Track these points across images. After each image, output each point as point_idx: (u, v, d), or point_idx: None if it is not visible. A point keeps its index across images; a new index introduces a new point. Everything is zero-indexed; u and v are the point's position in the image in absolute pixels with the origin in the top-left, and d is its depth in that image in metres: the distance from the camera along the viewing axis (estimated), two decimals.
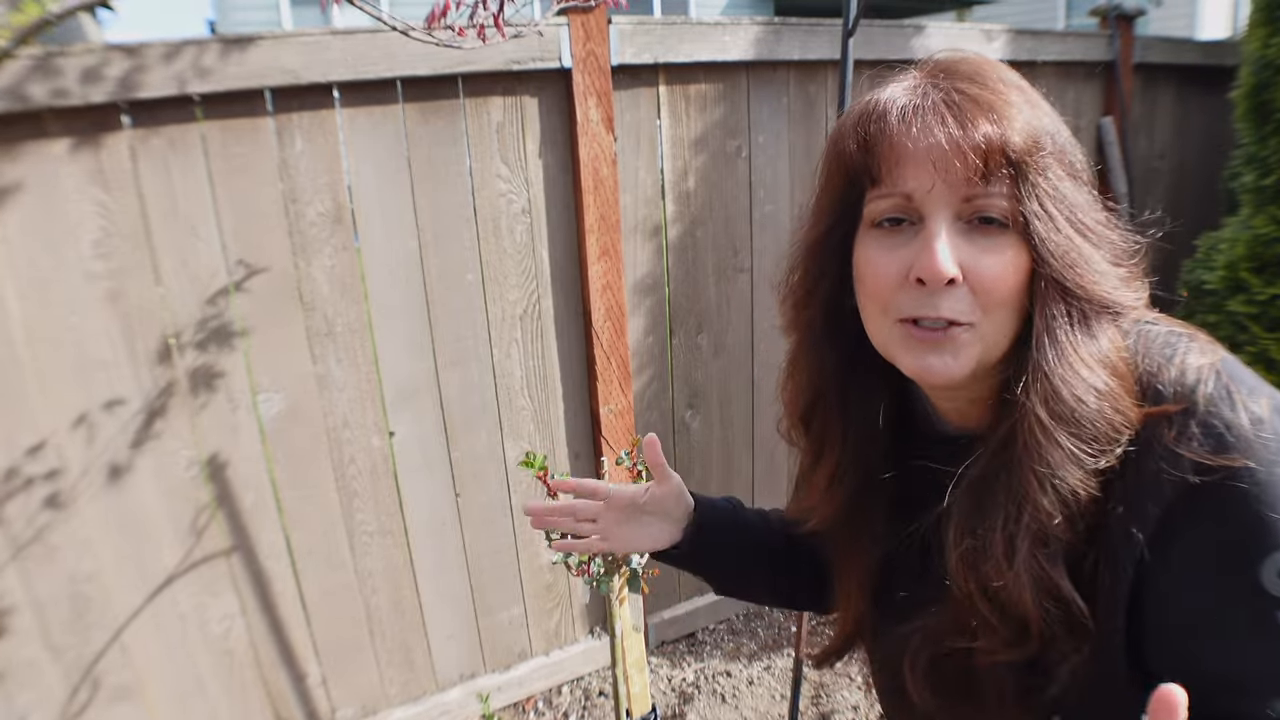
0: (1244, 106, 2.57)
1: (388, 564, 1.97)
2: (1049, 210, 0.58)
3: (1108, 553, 0.57)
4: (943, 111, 0.59)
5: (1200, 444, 0.54)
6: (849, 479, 0.74)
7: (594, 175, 1.96)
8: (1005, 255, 0.59)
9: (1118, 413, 0.57)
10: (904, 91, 0.62)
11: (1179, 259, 2.87)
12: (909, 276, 0.60)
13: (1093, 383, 0.57)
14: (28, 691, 1.62)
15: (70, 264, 1.54)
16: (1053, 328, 0.58)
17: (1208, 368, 0.56)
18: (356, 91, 1.73)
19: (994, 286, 0.59)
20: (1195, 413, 0.55)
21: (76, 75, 1.45)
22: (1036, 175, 0.58)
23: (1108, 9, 2.78)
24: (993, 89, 0.60)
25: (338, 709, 1.99)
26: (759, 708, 2.22)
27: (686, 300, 2.24)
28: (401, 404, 1.92)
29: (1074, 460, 0.56)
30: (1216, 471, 0.53)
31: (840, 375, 0.72)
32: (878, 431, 0.73)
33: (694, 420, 2.34)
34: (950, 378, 0.61)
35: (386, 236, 1.83)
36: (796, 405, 0.76)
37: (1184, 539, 0.55)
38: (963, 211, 0.59)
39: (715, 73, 2.14)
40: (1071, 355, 0.58)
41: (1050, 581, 0.58)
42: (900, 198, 0.61)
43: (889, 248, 0.62)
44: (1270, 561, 0.52)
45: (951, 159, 0.57)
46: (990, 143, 0.57)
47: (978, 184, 0.58)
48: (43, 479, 1.57)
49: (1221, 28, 8.14)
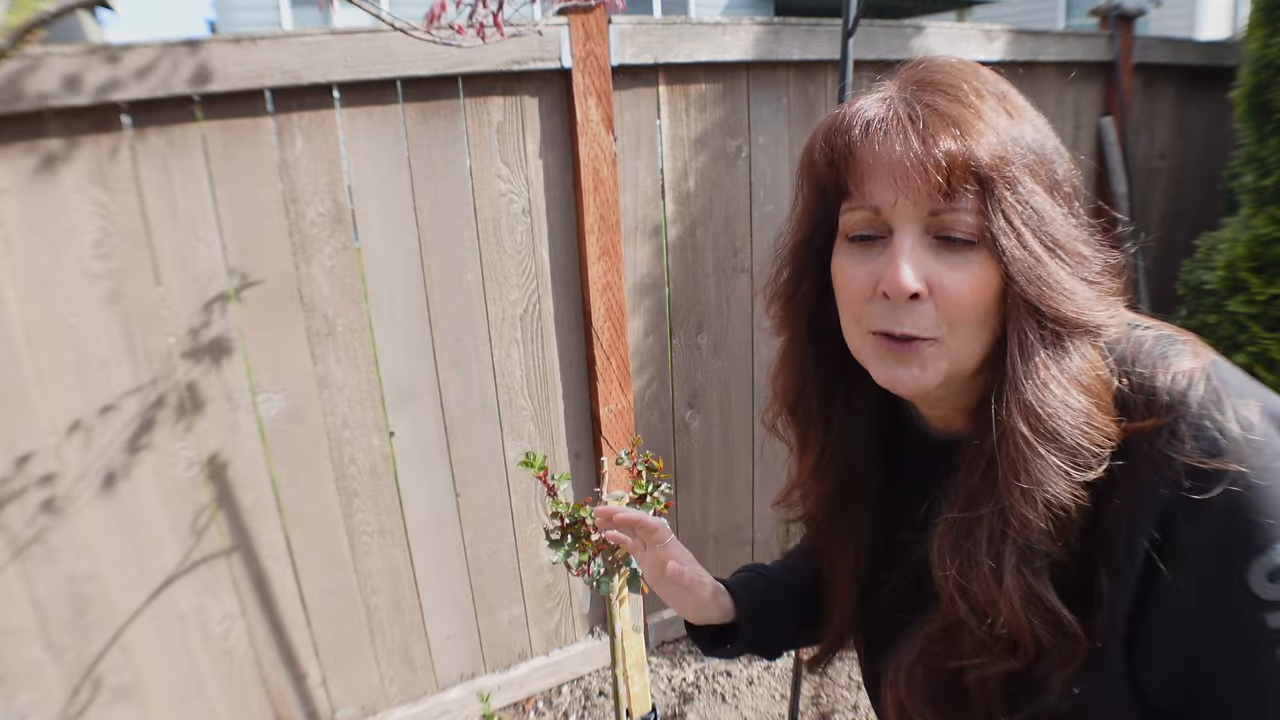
0: (1244, 106, 2.57)
1: (388, 564, 1.97)
2: (1016, 226, 0.57)
3: (1107, 562, 0.57)
4: (905, 127, 0.58)
5: (1192, 447, 0.54)
6: (833, 468, 0.75)
7: (594, 175, 1.96)
8: (972, 271, 0.58)
9: (1093, 429, 0.57)
10: (872, 104, 0.62)
11: (1179, 259, 2.87)
12: (877, 289, 0.60)
13: (1066, 400, 0.57)
14: (28, 691, 1.62)
15: (70, 264, 1.54)
16: (1024, 344, 0.58)
17: (1199, 372, 0.56)
18: (356, 91, 1.73)
19: (958, 302, 0.59)
20: (1186, 416, 0.55)
21: (76, 75, 1.45)
22: (1004, 190, 0.57)
23: (1108, 9, 2.78)
24: (964, 102, 0.59)
25: (338, 709, 1.99)
26: (759, 708, 2.22)
27: (686, 300, 2.24)
28: (401, 404, 1.92)
29: (1058, 473, 0.56)
30: (1208, 475, 0.53)
31: (825, 374, 0.74)
32: (862, 431, 0.75)
33: (694, 420, 2.34)
34: (918, 389, 0.62)
35: (386, 236, 1.82)
36: (786, 395, 0.77)
37: (1177, 541, 0.55)
38: (930, 226, 0.59)
39: (715, 73, 2.13)
40: (1043, 373, 0.57)
41: (1037, 595, 0.58)
42: (869, 211, 0.61)
43: (861, 260, 0.62)
44: (1258, 564, 0.53)
45: (913, 175, 0.57)
46: (952, 159, 0.57)
47: (941, 200, 0.58)
48: (42, 479, 1.57)
49: (1221, 28, 8.15)
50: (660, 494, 1.31)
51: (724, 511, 2.44)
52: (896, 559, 0.72)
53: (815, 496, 0.78)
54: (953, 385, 0.63)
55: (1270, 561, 0.52)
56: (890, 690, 0.70)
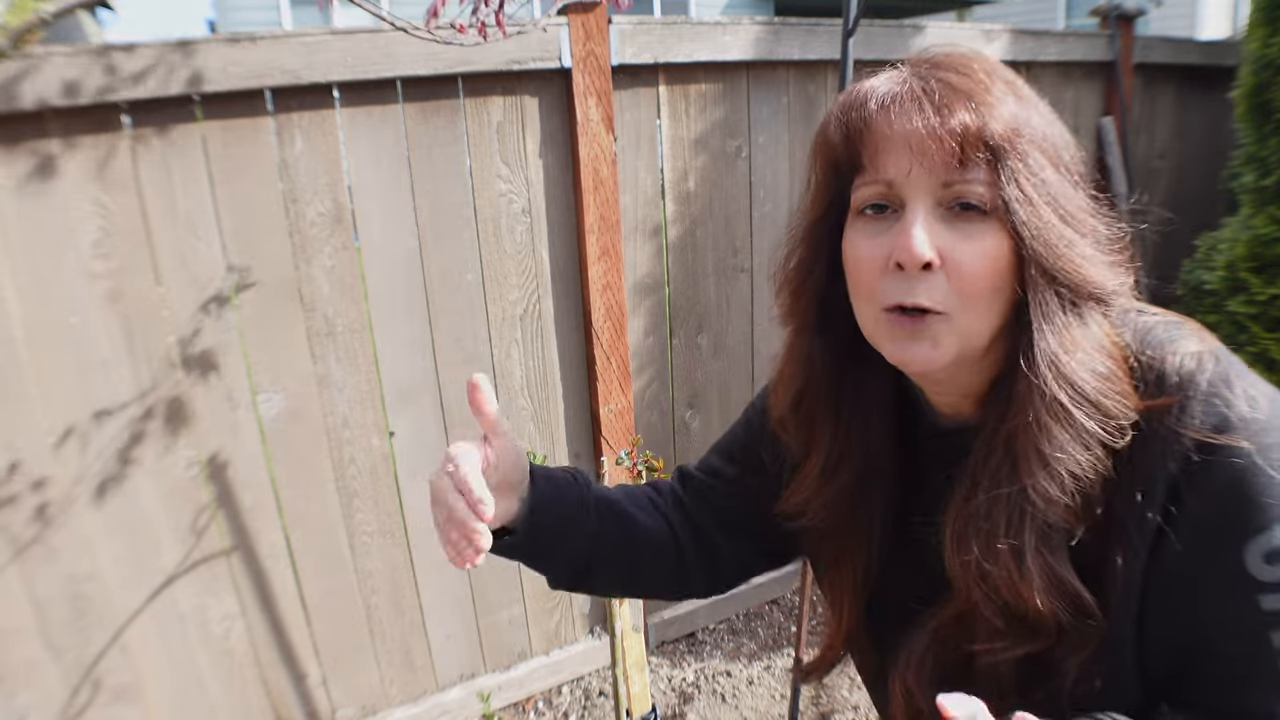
0: (1244, 106, 2.57)
1: (388, 564, 1.97)
2: (1029, 194, 0.58)
3: (1121, 539, 0.58)
4: (920, 99, 0.59)
5: (1201, 422, 0.55)
6: (842, 471, 0.73)
7: (594, 175, 1.96)
8: (985, 242, 0.59)
9: (1118, 395, 0.57)
10: (886, 81, 0.63)
11: (1179, 259, 2.87)
12: (890, 262, 0.60)
13: (1092, 365, 0.58)
14: (28, 691, 1.62)
15: (70, 264, 1.53)
16: (1048, 312, 0.59)
17: (1207, 354, 0.57)
18: (356, 91, 1.73)
19: (972, 273, 0.59)
20: (1196, 394, 0.56)
21: (75, 75, 1.45)
22: (1016, 161, 0.58)
23: (1108, 9, 2.78)
24: (975, 79, 0.60)
25: (338, 709, 1.99)
26: (759, 708, 2.22)
27: (686, 300, 2.24)
28: (401, 404, 1.91)
29: (1080, 440, 0.57)
30: (1215, 449, 0.54)
31: (834, 364, 0.72)
32: (874, 419, 0.73)
33: (694, 420, 2.34)
34: (930, 365, 0.61)
35: (386, 236, 1.82)
36: (788, 393, 0.75)
37: (1182, 512, 0.56)
38: (943, 198, 0.60)
39: (715, 73, 2.13)
40: (1067, 337, 0.58)
41: (1058, 577, 0.58)
42: (882, 184, 0.61)
43: (873, 234, 0.62)
44: (1255, 544, 0.53)
45: (928, 144, 0.58)
46: (967, 128, 0.57)
47: (956, 169, 0.58)
48: (42, 479, 1.57)
49: (1221, 28, 8.15)
50: None
51: None
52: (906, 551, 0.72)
53: (824, 499, 0.74)
54: (963, 364, 0.63)
55: (1268, 542, 0.53)
56: (899, 679, 0.69)
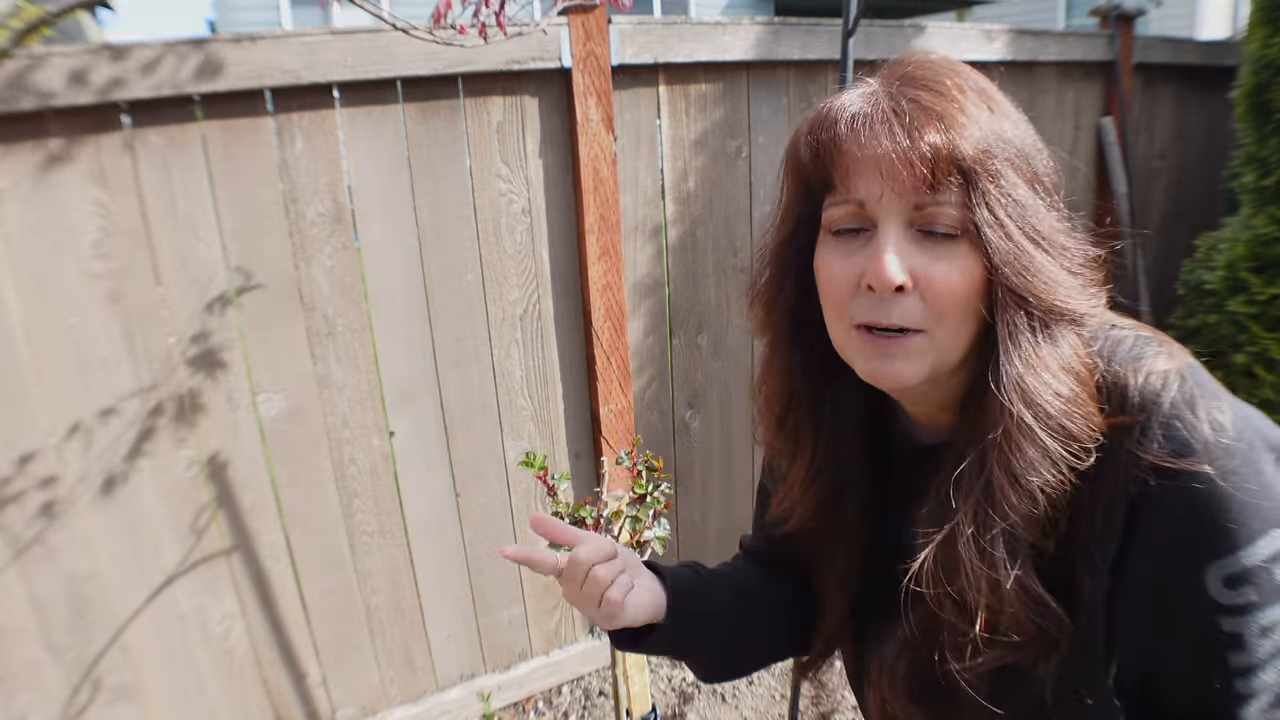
0: (1244, 106, 2.57)
1: (388, 564, 1.97)
2: (999, 217, 0.58)
3: (1084, 558, 0.58)
4: (890, 120, 0.59)
5: (1160, 446, 0.54)
6: (823, 479, 0.74)
7: (594, 175, 1.96)
8: (957, 263, 0.59)
9: (1082, 417, 0.57)
10: (857, 99, 0.62)
11: (1179, 259, 2.87)
12: (862, 282, 0.60)
13: (1056, 388, 0.58)
14: (28, 691, 1.62)
15: (70, 264, 1.54)
16: (1014, 333, 0.59)
17: (1173, 373, 0.57)
18: (356, 91, 1.73)
19: (944, 294, 0.59)
20: (1158, 416, 0.55)
21: (76, 75, 1.45)
22: (987, 183, 0.58)
23: (1108, 9, 2.78)
24: (947, 96, 0.59)
25: (338, 709, 1.99)
26: (759, 708, 2.22)
27: (686, 300, 2.24)
28: (401, 404, 1.92)
29: (1047, 459, 0.57)
30: (1174, 474, 0.54)
31: (811, 376, 0.73)
32: (849, 434, 0.74)
33: (694, 420, 2.34)
34: (903, 382, 0.62)
35: (386, 236, 1.82)
36: (772, 406, 0.76)
37: (1141, 539, 0.56)
38: (914, 219, 0.60)
39: (715, 73, 2.13)
40: (1034, 359, 0.58)
41: (1024, 589, 0.58)
42: (853, 205, 0.61)
43: (844, 254, 0.62)
44: (1215, 568, 0.53)
45: (899, 169, 0.58)
46: (937, 152, 0.57)
47: (926, 192, 0.58)
48: (42, 479, 1.57)
49: (1221, 28, 8.15)
50: (660, 494, 1.31)
51: (724, 511, 2.44)
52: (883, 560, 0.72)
53: (804, 506, 0.76)
54: (937, 380, 0.63)
55: (1229, 566, 0.53)
56: (873, 687, 0.70)
